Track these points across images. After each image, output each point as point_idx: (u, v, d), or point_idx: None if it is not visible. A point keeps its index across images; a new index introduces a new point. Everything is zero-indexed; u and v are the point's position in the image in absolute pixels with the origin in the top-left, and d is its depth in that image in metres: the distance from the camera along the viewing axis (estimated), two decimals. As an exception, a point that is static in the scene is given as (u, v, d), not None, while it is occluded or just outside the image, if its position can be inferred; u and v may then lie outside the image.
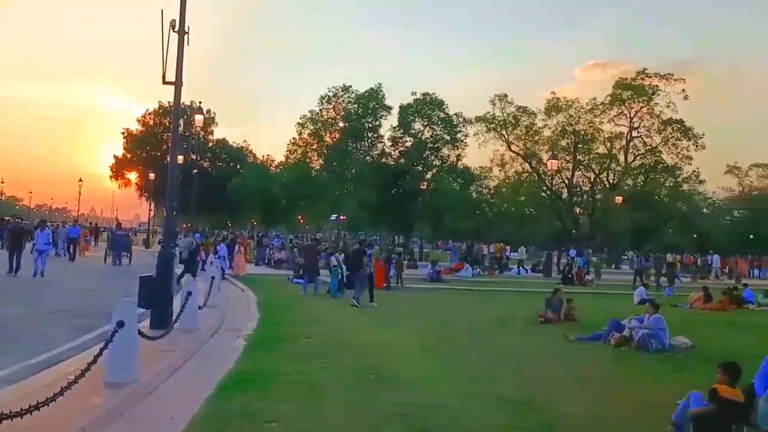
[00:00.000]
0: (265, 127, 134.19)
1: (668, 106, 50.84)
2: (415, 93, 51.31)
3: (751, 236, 68.33)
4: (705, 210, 70.20)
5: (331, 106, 50.78)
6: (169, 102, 48.89)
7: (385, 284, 20.91)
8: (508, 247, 43.55)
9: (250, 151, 71.00)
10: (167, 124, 57.25)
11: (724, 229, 72.75)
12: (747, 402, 5.90)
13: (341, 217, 54.64)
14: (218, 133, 68.02)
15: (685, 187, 54.97)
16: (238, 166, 66.79)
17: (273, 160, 68.36)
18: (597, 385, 7.91)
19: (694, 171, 53.00)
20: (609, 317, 11.90)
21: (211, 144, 65.78)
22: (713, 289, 20.96)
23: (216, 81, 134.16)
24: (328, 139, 51.31)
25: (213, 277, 14.25)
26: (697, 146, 50.86)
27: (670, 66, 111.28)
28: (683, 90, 50.25)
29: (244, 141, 71.77)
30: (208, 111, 62.27)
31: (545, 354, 10.06)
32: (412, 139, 51.68)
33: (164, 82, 10.57)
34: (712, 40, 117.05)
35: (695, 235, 67.73)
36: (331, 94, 50.55)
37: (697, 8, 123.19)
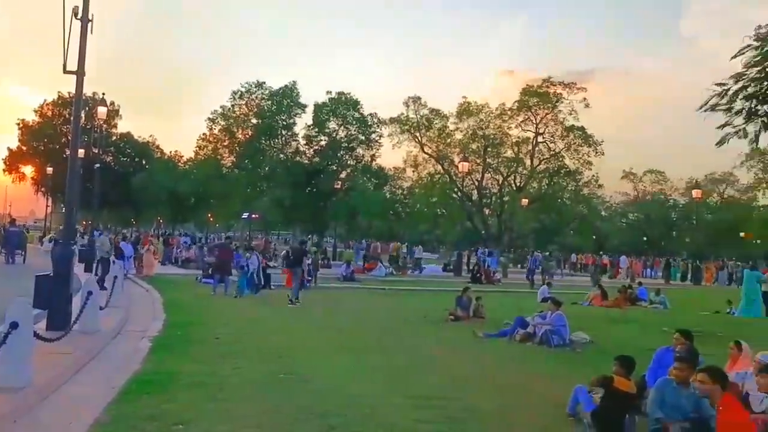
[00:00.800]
0: (173, 122, 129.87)
1: (571, 114, 53.56)
2: (330, 92, 51.31)
3: (645, 238, 73.10)
4: (603, 213, 74.27)
5: (244, 102, 49.86)
6: (69, 93, 46.40)
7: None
8: (421, 248, 44.42)
9: (157, 146, 68.58)
10: (67, 115, 54.36)
11: (620, 231, 77.36)
12: (639, 393, 6.32)
13: (253, 216, 53.74)
14: (123, 126, 65.25)
15: (586, 190, 58.09)
16: (144, 162, 64.32)
17: (181, 156, 66.38)
18: (502, 379, 8.21)
19: (594, 176, 56.19)
20: (515, 315, 12.37)
21: (114, 138, 62.90)
22: (609, 288, 22.22)
23: (121, 72, 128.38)
24: (240, 136, 50.31)
25: (115, 277, 13.67)
26: (596, 152, 53.92)
27: (571, 76, 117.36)
28: (584, 98, 53.09)
29: (151, 135, 69.22)
30: (112, 103, 59.64)
31: (455, 351, 10.32)
32: (326, 138, 51.58)
33: (65, 72, 10.06)
34: (607, 51, 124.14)
35: (594, 237, 71.63)
36: (243, 89, 49.63)
37: (594, 21, 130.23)
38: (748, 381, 6.36)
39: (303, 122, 51.15)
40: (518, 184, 57.44)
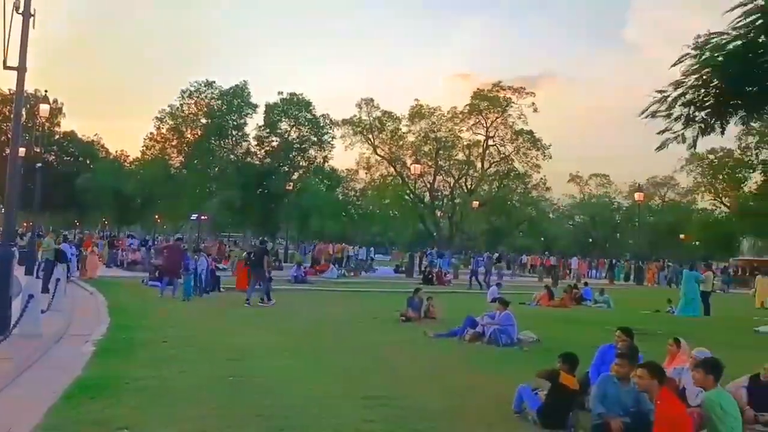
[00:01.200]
0: (119, 121, 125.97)
1: (520, 118, 54.66)
2: (282, 93, 51.06)
3: (590, 239, 75.06)
4: (551, 215, 75.97)
5: (193, 102, 49.03)
6: (10, 89, 44.71)
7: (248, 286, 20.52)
8: (372, 249, 44.51)
9: (102, 146, 66.75)
10: (7, 113, 52.37)
11: (567, 233, 79.29)
12: (582, 389, 6.51)
13: (202, 217, 52.86)
14: (66, 125, 63.18)
15: (534, 193, 59.42)
16: (88, 161, 62.48)
17: (127, 156, 64.87)
18: (451, 378, 8.31)
19: (542, 178, 57.55)
20: (465, 315, 12.52)
21: (57, 136, 60.86)
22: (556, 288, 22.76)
23: (65, 69, 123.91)
24: (189, 136, 49.44)
25: (58, 280, 13.26)
26: (544, 156, 55.20)
27: (521, 81, 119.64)
28: (533, 103, 54.26)
29: (96, 134, 67.26)
30: (55, 101, 57.85)
31: (405, 351, 10.39)
32: (278, 139, 51.24)
33: (5, 67, 9.75)
34: (555, 57, 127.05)
35: (542, 238, 73.20)
36: (193, 88, 48.82)
37: (543, 28, 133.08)
38: (685, 376, 6.63)
39: (254, 123, 50.80)
40: (469, 186, 58.25)
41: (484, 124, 55.91)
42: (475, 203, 52.80)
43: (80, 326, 11.48)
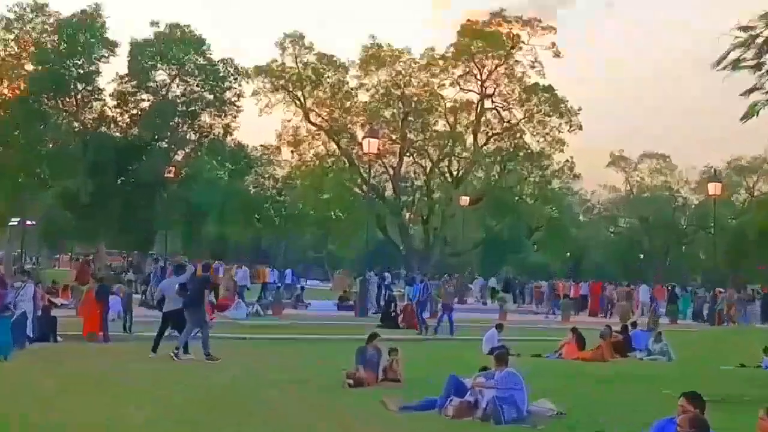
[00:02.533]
0: None
1: (533, 67, 54.78)
2: (157, 24, 50.37)
3: (641, 255, 75.45)
4: (581, 217, 76.52)
5: (13, 36, 48.02)
6: None
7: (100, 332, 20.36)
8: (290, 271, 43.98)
9: None
10: None
11: (607, 244, 79.68)
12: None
13: (28, 222, 51.95)
14: None
15: (556, 183, 59.31)
16: None
17: None
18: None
19: (568, 161, 57.38)
20: (446, 374, 12.57)
21: None
22: (588, 330, 22.93)
23: None
24: (6, 91, 48.45)
25: None
26: (571, 126, 55.05)
27: (533, 11, 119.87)
28: (553, 44, 54.47)
29: None
30: None
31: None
32: (151, 98, 50.62)
33: None
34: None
35: (568, 253, 73.28)
36: (12, 14, 47.81)
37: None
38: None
39: (112, 71, 50.03)
40: (455, 172, 58.26)
41: (478, 77, 56.16)
42: (465, 198, 52.61)
43: None
